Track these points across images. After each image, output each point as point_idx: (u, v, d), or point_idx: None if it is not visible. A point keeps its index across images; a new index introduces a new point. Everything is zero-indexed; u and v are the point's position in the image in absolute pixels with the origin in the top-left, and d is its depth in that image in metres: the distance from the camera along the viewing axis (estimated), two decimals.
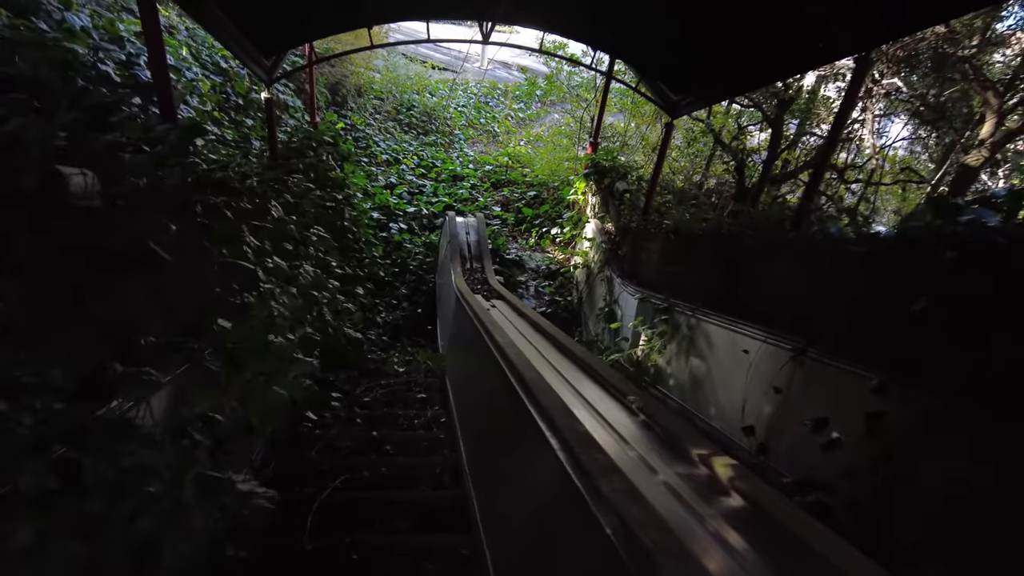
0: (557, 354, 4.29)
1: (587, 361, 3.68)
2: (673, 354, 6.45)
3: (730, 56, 6.89)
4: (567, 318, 9.90)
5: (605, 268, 8.96)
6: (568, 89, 14.39)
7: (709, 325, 5.85)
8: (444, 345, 7.74)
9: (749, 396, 5.07)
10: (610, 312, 8.45)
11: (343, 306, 6.65)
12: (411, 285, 10.04)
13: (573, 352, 3.96)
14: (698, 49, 7.23)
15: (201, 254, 3.23)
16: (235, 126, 9.44)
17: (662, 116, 12.60)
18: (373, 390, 6.23)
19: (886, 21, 4.53)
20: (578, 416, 2.47)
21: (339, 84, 16.12)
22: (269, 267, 4.48)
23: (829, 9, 4.90)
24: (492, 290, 7.38)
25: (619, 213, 9.64)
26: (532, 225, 12.91)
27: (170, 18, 9.40)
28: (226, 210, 3.49)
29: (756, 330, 5.07)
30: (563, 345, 4.28)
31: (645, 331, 6.78)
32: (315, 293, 5.53)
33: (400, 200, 12.87)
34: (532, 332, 5.03)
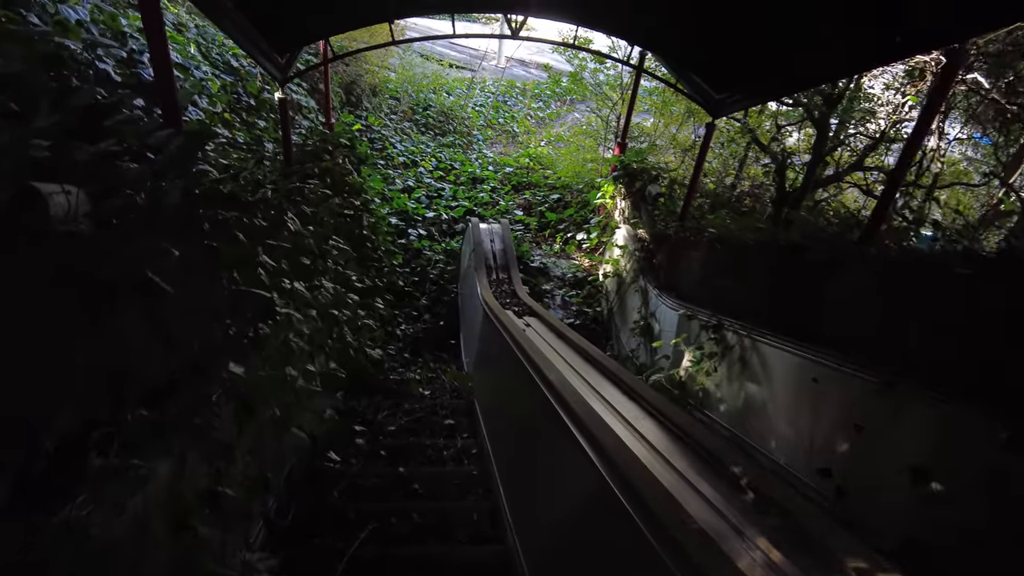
0: (612, 388, 3.80)
1: (656, 405, 3.19)
2: (724, 377, 5.93)
3: (784, 51, 6.35)
4: (596, 330, 9.39)
5: (639, 278, 8.45)
6: (593, 87, 13.87)
7: (767, 347, 5.33)
8: (470, 362, 7.28)
9: (820, 431, 4.55)
10: (646, 326, 7.94)
11: (363, 322, 6.22)
12: (432, 295, 9.60)
13: (638, 392, 3.46)
14: (746, 43, 6.69)
15: (209, 282, 2.79)
16: (247, 128, 9.07)
17: (695, 115, 12.09)
18: (396, 415, 5.78)
19: (988, 5, 3.98)
20: (661, 479, 2.01)
21: (353, 83, 15.75)
22: (286, 288, 4.05)
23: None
24: (523, 304, 6.89)
25: (653, 219, 9.13)
26: (556, 230, 12.42)
27: (179, 15, 9.06)
28: (237, 229, 3.05)
29: (827, 356, 4.55)
30: (619, 378, 3.79)
31: (691, 351, 6.26)
32: (335, 312, 5.09)
33: (418, 205, 12.44)
34: (576, 358, 4.53)
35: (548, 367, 3.34)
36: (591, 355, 4.29)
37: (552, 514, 2.87)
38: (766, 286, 5.77)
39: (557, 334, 5.30)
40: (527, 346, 3.93)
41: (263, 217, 3.87)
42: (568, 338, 4.94)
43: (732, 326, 5.86)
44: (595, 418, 2.49)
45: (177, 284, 2.57)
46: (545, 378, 3.17)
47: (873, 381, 4.03)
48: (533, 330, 5.70)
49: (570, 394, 2.83)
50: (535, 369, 3.43)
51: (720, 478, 2.33)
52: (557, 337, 5.20)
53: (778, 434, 5.03)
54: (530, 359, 3.62)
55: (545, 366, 3.35)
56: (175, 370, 2.46)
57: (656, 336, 7.70)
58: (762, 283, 5.85)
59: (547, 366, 3.36)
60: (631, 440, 2.83)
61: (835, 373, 4.40)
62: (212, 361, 2.50)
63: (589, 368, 4.19)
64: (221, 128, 7.26)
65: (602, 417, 2.58)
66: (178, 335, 2.48)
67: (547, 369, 3.29)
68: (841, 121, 9.50)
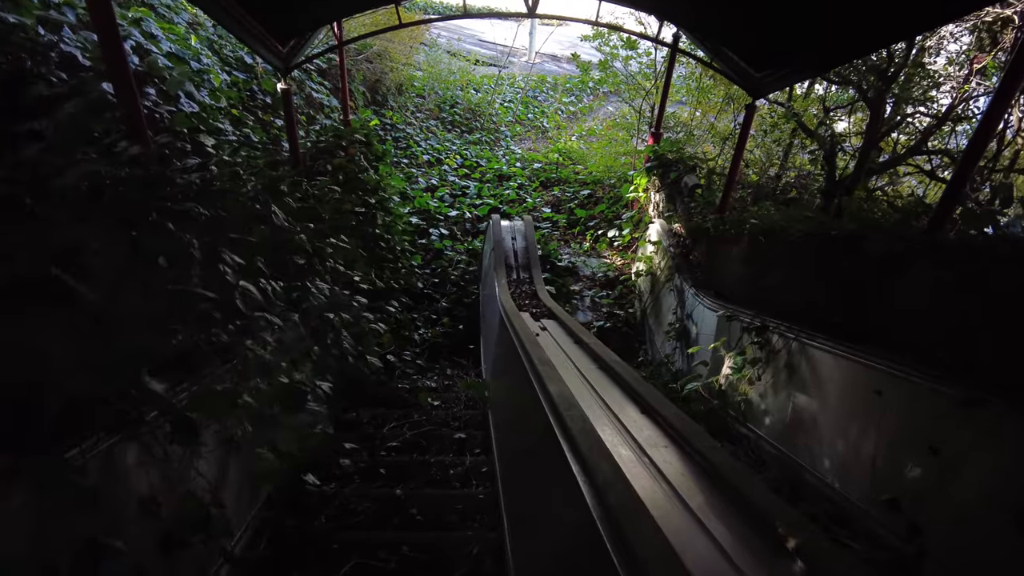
0: (630, 405, 3.25)
1: (677, 427, 2.62)
2: (768, 386, 5.28)
3: (830, 13, 5.65)
4: (629, 334, 8.79)
5: (675, 276, 7.81)
6: (625, 77, 13.23)
7: (819, 352, 4.67)
8: (488, 369, 6.80)
9: (884, 452, 3.88)
10: (682, 329, 7.31)
11: (369, 327, 5.82)
12: (452, 298, 9.16)
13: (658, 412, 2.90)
14: (786, 11, 6.03)
15: (142, 282, 2.40)
16: (262, 127, 8.86)
17: (735, 101, 11.32)
18: (403, 427, 5.35)
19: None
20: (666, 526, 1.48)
21: (378, 82, 15.54)
22: (265, 290, 3.66)
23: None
24: (542, 306, 6.37)
25: (689, 212, 8.48)
26: (586, 227, 11.84)
27: (197, 15, 8.93)
28: (184, 220, 2.65)
29: (893, 364, 3.87)
30: (637, 392, 3.23)
31: (732, 356, 5.63)
32: (330, 315, 4.69)
33: (441, 203, 12.06)
34: (591, 366, 3.97)
35: (551, 377, 2.82)
36: (607, 363, 3.74)
37: (546, 559, 2.36)
38: (817, 283, 5.10)
39: (574, 338, 4.76)
40: (533, 352, 3.42)
41: (232, 209, 3.48)
42: (584, 343, 4.39)
43: (778, 328, 5.21)
44: (593, 442, 1.98)
45: (99, 284, 2.18)
46: (546, 390, 2.66)
47: (953, 395, 3.36)
48: (548, 333, 5.16)
49: (569, 409, 2.31)
50: (537, 379, 2.92)
51: (755, 530, 1.78)
52: (573, 342, 4.66)
53: (833, 453, 4.37)
54: (534, 367, 3.11)
55: (548, 376, 2.83)
56: (87, 390, 2.07)
57: (693, 340, 7.06)
58: (812, 280, 5.18)
59: (550, 376, 2.84)
60: (640, 472, 2.29)
61: (904, 384, 3.73)
62: (132, 377, 2.09)
63: (605, 379, 3.64)
64: (225, 124, 7.01)
65: (604, 441, 2.06)
66: (91, 347, 2.08)
67: (549, 380, 2.77)
68: (897, 100, 8.63)
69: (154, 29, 5.37)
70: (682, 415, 2.71)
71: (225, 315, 3.07)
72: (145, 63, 4.78)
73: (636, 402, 3.12)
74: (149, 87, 4.76)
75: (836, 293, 4.81)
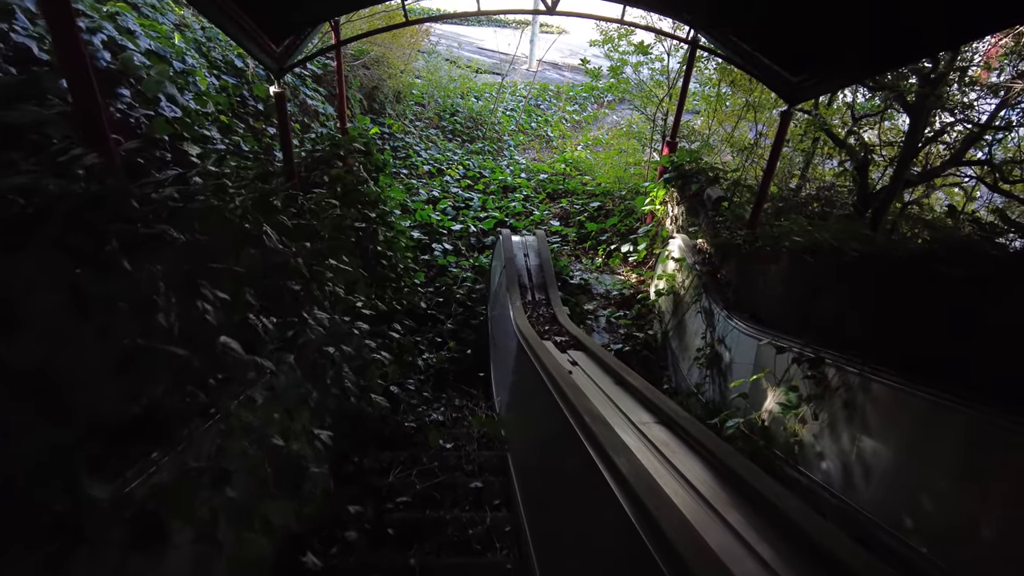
0: (706, 470, 2.70)
1: (786, 513, 2.08)
2: (825, 426, 4.73)
3: (880, 13, 5.19)
4: (649, 358, 8.23)
5: (702, 297, 7.28)
6: (636, 84, 12.81)
7: (892, 392, 4.13)
8: (501, 402, 6.24)
9: (988, 514, 3.34)
10: (713, 355, 6.77)
11: (372, 356, 5.25)
12: (458, 319, 8.60)
13: (749, 484, 2.34)
14: (828, 12, 5.57)
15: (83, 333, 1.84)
16: (254, 135, 8.32)
17: (755, 109, 10.88)
18: (411, 475, 4.77)
19: None
20: None
21: (376, 89, 15.07)
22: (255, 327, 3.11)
23: None
24: (565, 333, 5.80)
25: (715, 226, 7.97)
26: (598, 242, 11.32)
27: (184, 17, 8.43)
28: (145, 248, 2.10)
29: (997, 413, 3.34)
30: (722, 462, 2.67)
31: (783, 392, 5.08)
32: (330, 349, 4.13)
33: (444, 216, 11.53)
34: (644, 416, 3.41)
35: (617, 447, 2.27)
36: (668, 415, 3.17)
37: None
38: (881, 309, 4.58)
39: (614, 377, 4.18)
40: (579, 403, 2.87)
41: (217, 231, 2.93)
42: (630, 385, 3.82)
43: (836, 361, 4.68)
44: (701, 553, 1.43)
45: (28, 343, 1.63)
46: (615, 469, 2.11)
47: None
48: (580, 369, 4.59)
49: (655, 497, 1.77)
50: (598, 450, 2.37)
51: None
52: (614, 382, 4.08)
53: (917, 511, 3.82)
54: (587, 429, 2.56)
55: (613, 445, 2.29)
56: None
57: (726, 367, 6.52)
58: (875, 305, 4.66)
59: (615, 445, 2.29)
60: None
61: (1016, 439, 3.19)
62: (67, 478, 1.53)
63: (666, 434, 3.08)
64: (213, 132, 6.48)
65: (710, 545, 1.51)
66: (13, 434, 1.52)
67: (615, 450, 2.23)
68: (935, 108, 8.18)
69: (131, 24, 4.84)
70: (783, 492, 2.16)
71: (206, 364, 2.51)
72: (119, 60, 4.25)
73: (709, 463, 2.57)
74: (123, 87, 4.22)
75: (906, 322, 4.29)
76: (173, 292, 2.54)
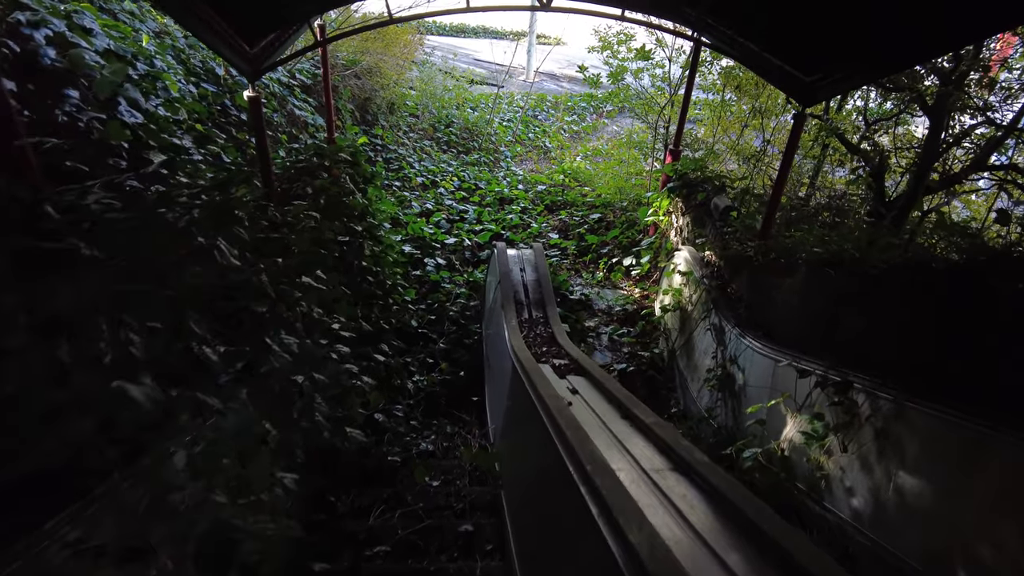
0: (742, 544, 2.25)
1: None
2: (856, 458, 4.29)
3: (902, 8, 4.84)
4: (656, 379, 7.79)
5: (712, 313, 6.86)
6: (637, 92, 12.48)
7: (934, 420, 3.71)
8: (496, 430, 5.79)
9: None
10: (725, 376, 6.33)
11: (351, 384, 4.82)
12: (451, 338, 8.15)
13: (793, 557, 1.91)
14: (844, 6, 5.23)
15: None
16: (237, 146, 7.95)
17: (763, 115, 10.54)
18: (394, 516, 4.31)
19: None
20: None
21: (368, 100, 14.75)
22: (201, 357, 2.70)
23: None
24: (564, 356, 5.36)
25: (723, 238, 7.57)
26: (599, 255, 10.91)
27: (166, 25, 8.11)
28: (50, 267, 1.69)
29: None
30: (754, 524, 2.22)
31: (806, 420, 4.64)
32: (299, 378, 3.70)
33: (437, 230, 11.14)
34: (661, 462, 2.95)
35: (627, 511, 1.84)
36: (684, 458, 2.73)
37: None
38: (915, 328, 4.16)
39: (621, 411, 3.72)
40: (579, 446, 2.44)
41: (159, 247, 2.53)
42: (641, 423, 3.36)
43: (867, 385, 4.25)
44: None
45: None
46: (626, 543, 1.68)
47: None
48: (581, 399, 4.13)
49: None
50: (602, 510, 1.94)
51: None
52: (621, 417, 3.63)
53: (968, 560, 3.36)
54: (590, 482, 2.13)
55: (621, 507, 1.85)
56: None
57: (739, 389, 6.08)
58: (907, 323, 4.24)
59: (624, 507, 1.86)
60: None
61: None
62: None
63: (685, 485, 2.63)
64: (186, 141, 6.10)
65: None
66: None
67: (624, 514, 1.80)
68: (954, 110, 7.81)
69: (89, 22, 4.48)
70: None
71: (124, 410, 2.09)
72: (66, 58, 3.87)
73: (745, 533, 2.12)
74: (71, 88, 3.84)
75: (948, 341, 3.87)
76: (97, 318, 2.14)
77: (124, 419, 1.90)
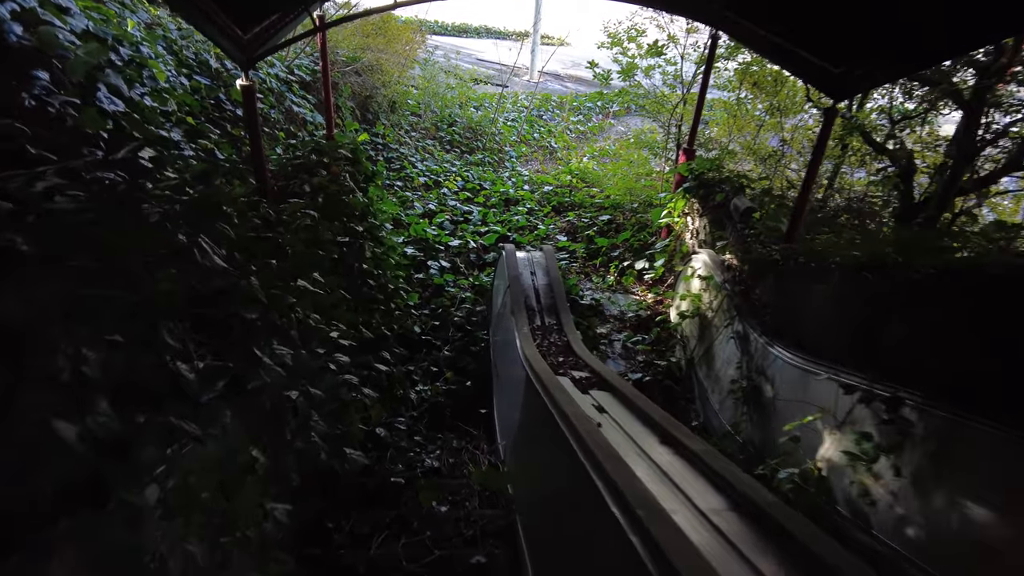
0: None
1: None
2: (909, 481, 3.91)
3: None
4: (673, 389, 7.41)
5: (735, 320, 6.49)
6: (648, 90, 12.13)
7: (1000, 441, 3.33)
8: (507, 446, 5.41)
9: None
10: (751, 388, 5.95)
11: (351, 397, 4.46)
12: (456, 345, 7.78)
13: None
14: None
15: None
16: (232, 142, 7.59)
17: (782, 113, 10.19)
18: (397, 543, 3.94)
19: None
20: None
21: (370, 99, 14.41)
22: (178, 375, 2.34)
23: None
24: (583, 367, 4.96)
25: (745, 240, 7.21)
26: (609, 258, 10.54)
27: (159, 17, 7.77)
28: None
29: None
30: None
31: (851, 438, 4.26)
32: (292, 394, 3.33)
33: (441, 231, 10.77)
34: (713, 497, 2.56)
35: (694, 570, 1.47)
36: (746, 496, 2.34)
37: None
38: (973, 340, 3.79)
39: (660, 435, 3.30)
40: (624, 483, 2.07)
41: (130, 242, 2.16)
42: (687, 450, 2.96)
43: (920, 402, 3.87)
44: None
45: None
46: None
47: None
48: (610, 420, 3.74)
49: None
50: (661, 565, 1.56)
51: None
52: (660, 442, 3.22)
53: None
54: (642, 529, 1.75)
55: (690, 567, 1.48)
56: None
57: (768, 402, 5.71)
58: (964, 335, 3.87)
59: (692, 566, 1.49)
60: None
61: None
62: None
63: (746, 527, 2.25)
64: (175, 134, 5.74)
65: None
66: None
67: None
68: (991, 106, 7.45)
69: (66, 1, 4.13)
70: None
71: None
72: (35, 35, 3.51)
73: None
74: (40, 70, 3.48)
75: (1014, 354, 3.51)
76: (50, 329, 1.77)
77: (57, 463, 1.53)
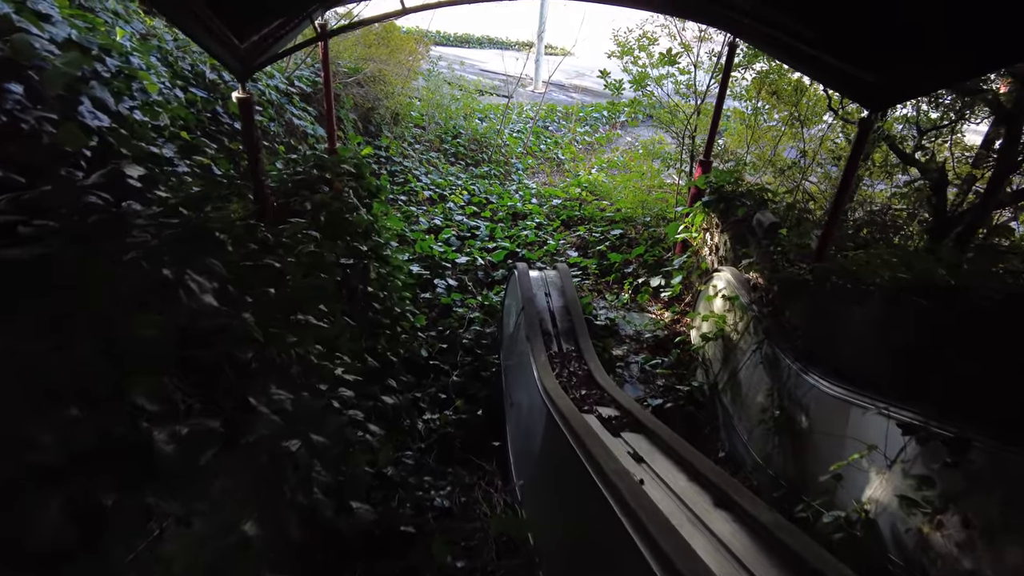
0: None
1: None
2: (981, 535, 3.54)
3: None
4: (696, 416, 7.04)
5: (763, 344, 6.14)
6: (661, 99, 11.86)
7: None
8: (523, 487, 5.05)
9: None
10: (784, 419, 5.58)
11: (356, 439, 4.11)
12: (466, 370, 7.42)
13: None
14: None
15: None
16: (229, 157, 7.31)
17: (804, 123, 9.89)
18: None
19: None
20: None
21: (372, 110, 14.18)
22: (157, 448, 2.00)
23: None
24: (611, 402, 4.57)
25: (771, 258, 6.87)
26: (623, 275, 10.20)
27: (154, 27, 7.54)
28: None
29: None
30: None
31: (910, 483, 3.89)
32: (292, 445, 2.99)
33: (447, 248, 10.44)
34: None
35: None
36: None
37: None
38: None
39: (715, 497, 2.88)
40: (685, 565, 1.71)
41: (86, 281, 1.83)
42: (751, 520, 2.59)
43: (991, 445, 3.52)
44: None
45: None
46: None
47: None
48: (649, 472, 3.35)
49: None
50: None
51: None
52: (716, 505, 2.81)
53: None
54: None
55: None
56: None
57: (803, 433, 5.34)
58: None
59: None
60: None
61: None
62: None
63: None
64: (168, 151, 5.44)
65: None
66: None
67: None
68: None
69: (46, 7, 3.84)
70: None
71: None
72: (8, 44, 3.22)
73: None
74: (12, 82, 3.18)
75: None
76: None
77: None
